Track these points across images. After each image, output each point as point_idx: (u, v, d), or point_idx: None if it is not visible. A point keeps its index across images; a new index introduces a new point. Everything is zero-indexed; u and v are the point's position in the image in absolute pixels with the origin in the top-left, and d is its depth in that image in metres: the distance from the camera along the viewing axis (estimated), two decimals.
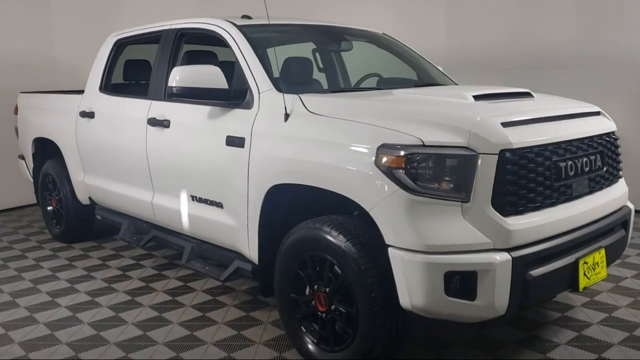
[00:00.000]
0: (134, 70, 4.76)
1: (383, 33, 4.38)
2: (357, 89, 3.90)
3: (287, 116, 2.92)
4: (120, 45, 4.61)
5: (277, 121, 2.97)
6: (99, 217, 4.81)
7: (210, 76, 3.16)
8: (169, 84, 3.19)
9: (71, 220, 5.15)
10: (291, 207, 3.09)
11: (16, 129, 5.89)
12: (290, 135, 2.88)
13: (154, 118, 3.78)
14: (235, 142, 3.16)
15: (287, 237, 2.89)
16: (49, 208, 5.48)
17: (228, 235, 3.37)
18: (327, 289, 2.75)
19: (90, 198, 4.88)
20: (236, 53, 3.35)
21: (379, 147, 2.45)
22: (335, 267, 2.67)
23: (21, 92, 5.93)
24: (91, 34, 7.36)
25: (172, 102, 3.73)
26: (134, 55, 4.81)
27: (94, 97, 4.58)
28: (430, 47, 6.17)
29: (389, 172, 2.41)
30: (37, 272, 4.56)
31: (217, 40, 3.57)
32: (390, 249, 2.44)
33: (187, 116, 3.58)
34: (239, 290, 3.99)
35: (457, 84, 4.04)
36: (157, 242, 4.25)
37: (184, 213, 3.66)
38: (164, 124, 3.69)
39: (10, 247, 5.33)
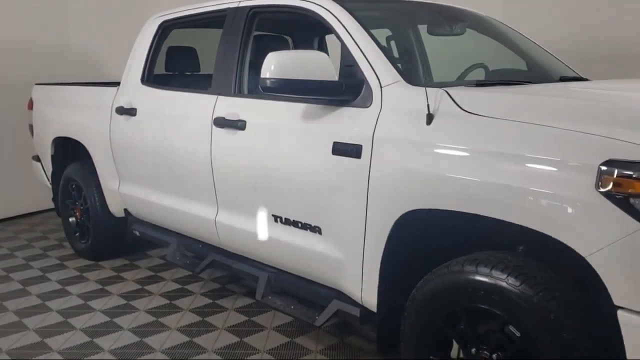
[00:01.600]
0: (180, 59, 4.00)
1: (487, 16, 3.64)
2: (494, 82, 3.02)
3: (430, 117, 2.18)
4: (165, 29, 3.84)
5: (413, 124, 2.23)
6: (136, 232, 4.04)
7: (316, 65, 2.42)
8: (262, 75, 2.44)
9: (100, 234, 4.39)
10: (422, 239, 2.35)
11: (30, 127, 5.11)
12: (437, 143, 2.14)
13: (223, 118, 3.03)
14: (347, 150, 2.42)
15: (428, 281, 2.16)
16: (71, 219, 4.71)
17: (328, 270, 2.63)
18: (494, 355, 2.02)
19: (125, 210, 4.11)
20: (343, 37, 2.60)
21: (602, 165, 1.72)
22: (510, 327, 1.94)
23: (36, 84, 5.14)
24: (110, 17, 6.62)
25: (249, 99, 2.99)
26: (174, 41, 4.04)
27: (134, 91, 3.81)
28: None
29: (622, 202, 1.68)
30: (65, 300, 3.80)
31: (298, 22, 2.83)
32: (621, 313, 1.70)
33: (271, 116, 2.83)
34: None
35: (587, 78, 3.31)
36: (216, 268, 3.50)
37: (262, 236, 2.92)
38: (237, 125, 2.94)
39: (27, 265, 4.56)
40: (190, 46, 4.13)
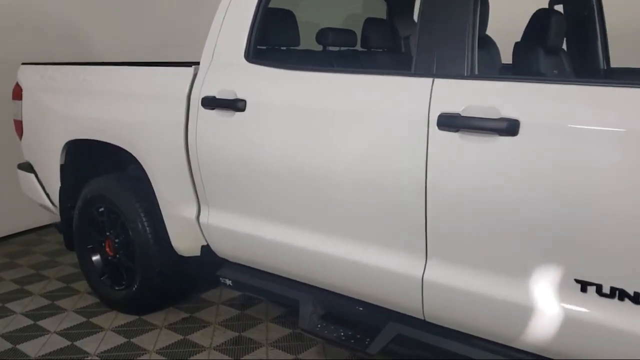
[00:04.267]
0: (283, 28, 2.76)
1: None
2: None
3: None
4: None
5: None
6: (226, 282, 2.75)
7: None
8: None
9: (152, 279, 3.04)
10: None
11: (18, 124, 3.64)
12: None
13: (457, 115, 1.84)
14: None
15: None
16: (96, 257, 3.31)
17: None
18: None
19: (205, 248, 2.81)
20: None
21: None
22: None
23: (24, 64, 3.67)
24: None
25: (522, 83, 1.81)
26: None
27: (236, 73, 2.52)
28: None
29: None
30: None
31: None
32: None
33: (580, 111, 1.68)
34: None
35: None
36: (401, 345, 2.29)
37: (547, 316, 1.77)
38: (500, 127, 1.76)
39: (41, 330, 3.13)
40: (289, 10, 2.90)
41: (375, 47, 3.44)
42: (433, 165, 1.89)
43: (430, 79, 1.95)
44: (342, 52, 3.28)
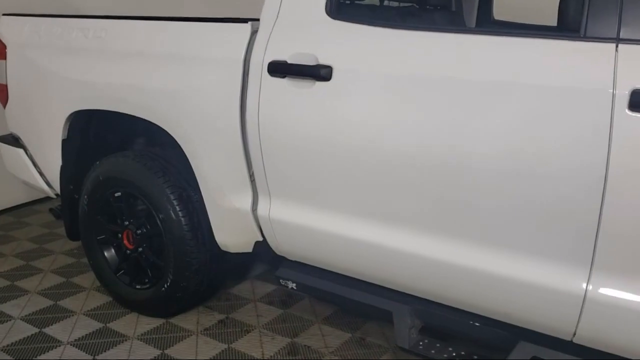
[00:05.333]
0: None
1: None
2: None
3: None
4: None
5: None
6: (289, 285, 2.30)
7: None
8: None
9: (188, 278, 2.55)
10: None
11: (1, 89, 3.02)
12: None
13: None
14: None
15: None
16: (108, 251, 2.80)
17: None
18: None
19: (261, 244, 2.34)
20: None
21: None
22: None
23: (5, 15, 3.04)
24: None
25: None
26: None
27: (315, 32, 2.01)
28: None
29: None
30: None
31: None
32: None
33: None
34: None
35: None
36: None
37: None
38: None
39: (50, 342, 2.61)
40: None
41: (431, 4, 2.99)
42: (617, 157, 1.48)
43: (613, 45, 1.51)
44: (405, 8, 2.81)
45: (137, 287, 2.72)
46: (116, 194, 2.67)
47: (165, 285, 2.58)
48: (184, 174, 2.52)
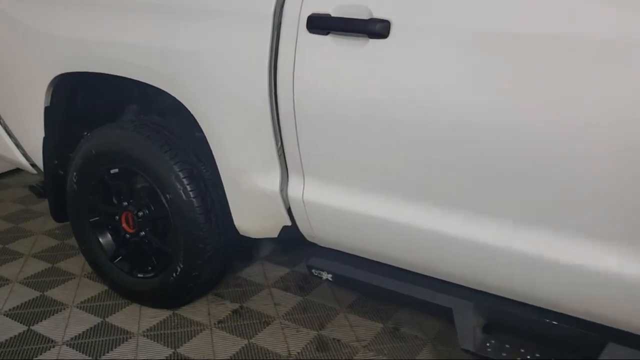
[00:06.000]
0: None
1: None
2: None
3: None
4: None
5: None
6: (324, 275, 2.01)
7: None
8: None
9: (201, 266, 2.24)
10: None
11: None
12: None
13: None
14: None
15: None
16: (105, 236, 2.46)
17: None
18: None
19: (290, 229, 2.03)
20: None
21: None
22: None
23: None
24: None
25: None
26: None
27: None
28: None
29: None
30: None
31: None
32: None
33: None
34: None
35: None
36: None
37: None
38: None
39: (44, 343, 2.28)
40: None
41: None
42: None
43: None
44: None
45: (139, 275, 2.40)
46: (112, 171, 2.31)
47: (174, 275, 2.26)
48: (192, 147, 2.19)
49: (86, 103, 2.49)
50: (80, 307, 2.44)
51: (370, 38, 1.61)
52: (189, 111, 2.00)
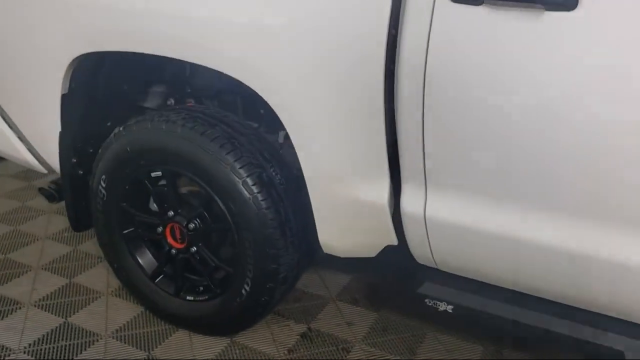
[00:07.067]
0: None
1: None
2: None
3: None
4: None
5: None
6: (443, 307, 1.62)
7: None
8: None
9: (272, 289, 1.83)
10: None
11: None
12: None
13: None
14: None
15: None
16: (140, 252, 2.03)
17: None
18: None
19: (395, 249, 1.64)
20: None
21: None
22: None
23: None
24: None
25: None
26: None
27: None
28: None
29: None
30: None
31: None
32: None
33: None
34: None
35: None
36: None
37: None
38: None
39: None
40: None
41: None
42: None
43: None
44: None
45: (189, 298, 1.97)
46: (154, 174, 1.86)
47: (239, 299, 1.85)
48: (256, 144, 1.76)
49: (110, 88, 2.02)
50: (115, 337, 2.02)
51: (548, 10, 1.20)
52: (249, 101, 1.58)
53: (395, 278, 1.81)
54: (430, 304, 1.62)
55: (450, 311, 1.60)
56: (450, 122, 1.36)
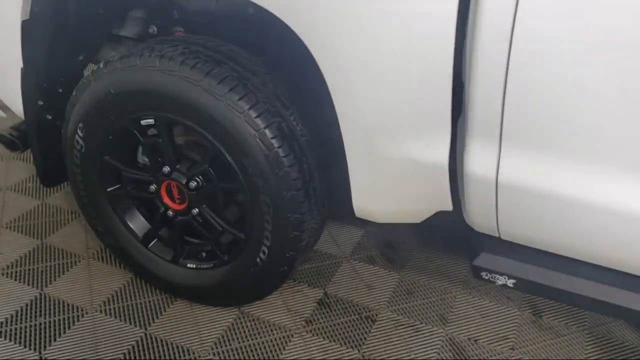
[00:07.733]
0: None
1: None
2: None
3: None
4: None
5: None
6: (502, 282, 1.39)
7: None
8: None
9: (292, 258, 1.57)
10: None
11: None
12: None
13: None
14: None
15: None
16: (129, 214, 1.71)
17: None
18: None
19: (448, 214, 1.38)
20: None
21: None
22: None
23: None
24: None
25: None
26: None
27: None
28: None
29: None
30: None
31: None
32: None
33: None
34: None
35: None
36: None
37: None
38: None
39: None
40: None
41: None
42: None
43: None
44: None
45: (190, 266, 1.69)
46: (144, 121, 1.52)
47: (252, 269, 1.58)
48: (271, 86, 1.44)
49: (82, 14, 1.62)
50: (103, 311, 1.73)
51: None
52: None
53: (445, 247, 1.56)
54: (486, 277, 1.38)
55: (511, 285, 1.37)
56: (547, 67, 1.07)
